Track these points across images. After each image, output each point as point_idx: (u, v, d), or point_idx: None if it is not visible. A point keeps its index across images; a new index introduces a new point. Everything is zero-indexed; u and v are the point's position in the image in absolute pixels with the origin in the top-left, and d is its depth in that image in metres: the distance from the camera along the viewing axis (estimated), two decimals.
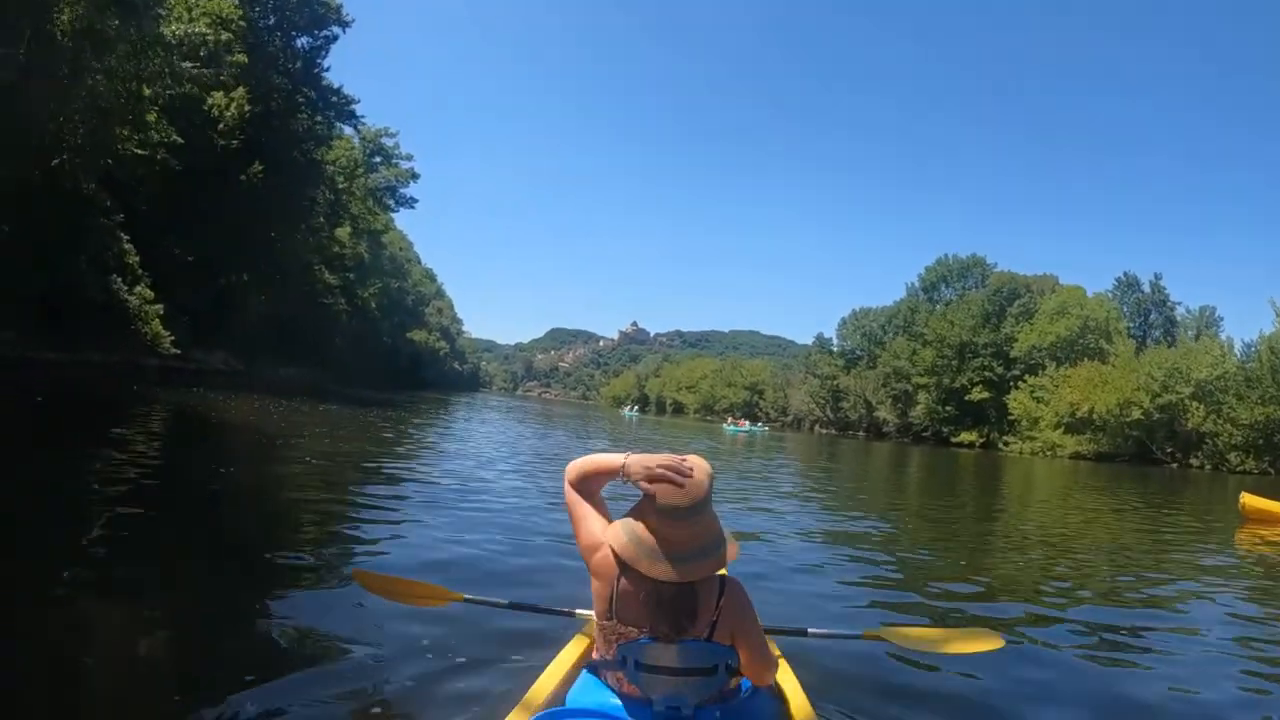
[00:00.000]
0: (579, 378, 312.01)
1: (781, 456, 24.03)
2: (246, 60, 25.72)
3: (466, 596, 2.96)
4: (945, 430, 75.16)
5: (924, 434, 77.51)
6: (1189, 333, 72.60)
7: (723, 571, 2.13)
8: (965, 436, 72.50)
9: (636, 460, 2.09)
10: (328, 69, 35.17)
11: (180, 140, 22.30)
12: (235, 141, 28.82)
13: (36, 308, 18.88)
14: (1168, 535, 10.88)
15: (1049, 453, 60.96)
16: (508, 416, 30.32)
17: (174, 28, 18.09)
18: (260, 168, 29.57)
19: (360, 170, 49.67)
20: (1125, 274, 78.75)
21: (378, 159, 52.24)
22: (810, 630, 2.93)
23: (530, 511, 7.09)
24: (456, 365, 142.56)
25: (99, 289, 20.47)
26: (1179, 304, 77.16)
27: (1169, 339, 72.05)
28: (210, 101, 27.67)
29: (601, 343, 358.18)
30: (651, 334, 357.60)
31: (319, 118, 34.90)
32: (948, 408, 76.08)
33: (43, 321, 19.56)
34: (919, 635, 2.97)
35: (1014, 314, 74.22)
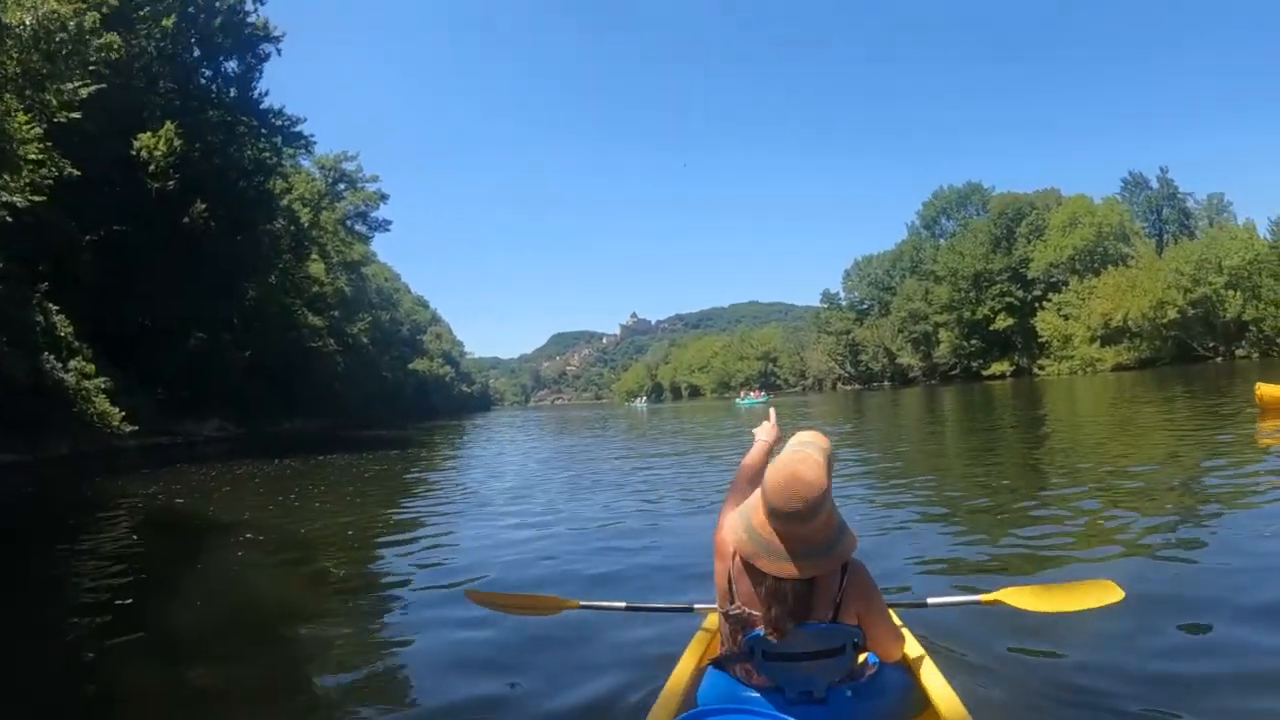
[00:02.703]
0: (588, 379, 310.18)
1: (806, 421, 21.63)
2: (118, 41, 21.78)
3: (582, 603, 2.97)
4: (974, 365, 73.02)
5: (951, 373, 75.44)
6: (1203, 222, 70.25)
7: None
8: (996, 368, 70.25)
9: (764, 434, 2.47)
10: (266, 92, 32.51)
11: (76, 171, 18.95)
12: (171, 183, 26.05)
13: None
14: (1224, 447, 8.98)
15: (1088, 369, 58.54)
16: (524, 435, 27.24)
17: (17, 14, 14.94)
18: (204, 207, 26.79)
19: (325, 201, 47.11)
20: (1131, 173, 76.19)
21: (341, 186, 49.62)
22: (930, 600, 2.83)
23: (617, 522, 6.84)
24: (464, 387, 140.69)
25: (26, 370, 17.67)
26: (1189, 195, 74.56)
27: (1186, 232, 69.46)
28: (138, 144, 24.95)
29: (605, 340, 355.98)
30: (653, 322, 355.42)
31: (264, 145, 32.08)
32: (972, 341, 73.95)
33: None
34: (1038, 594, 2.63)
35: (1023, 234, 71.67)
